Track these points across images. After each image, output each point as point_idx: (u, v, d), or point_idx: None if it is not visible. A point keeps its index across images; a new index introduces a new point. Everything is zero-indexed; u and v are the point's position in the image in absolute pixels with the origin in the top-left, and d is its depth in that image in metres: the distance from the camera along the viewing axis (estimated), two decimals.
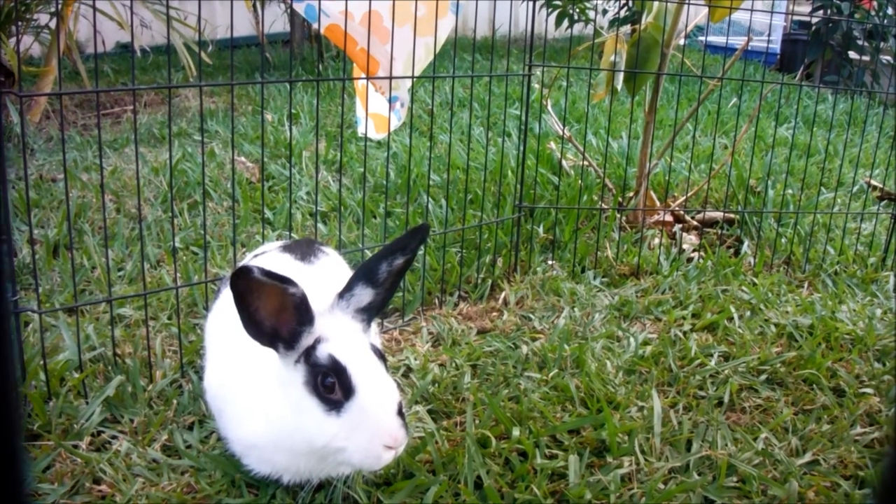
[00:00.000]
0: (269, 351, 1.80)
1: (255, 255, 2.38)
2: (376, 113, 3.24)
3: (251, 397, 1.89)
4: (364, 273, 1.84)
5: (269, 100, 6.83)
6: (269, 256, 2.28)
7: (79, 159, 4.88)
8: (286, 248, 2.33)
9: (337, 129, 5.68)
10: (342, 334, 1.77)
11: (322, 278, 2.11)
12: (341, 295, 1.83)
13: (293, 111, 5.97)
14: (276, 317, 1.74)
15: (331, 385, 1.70)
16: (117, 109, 6.66)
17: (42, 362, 2.36)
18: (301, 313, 1.74)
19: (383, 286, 1.85)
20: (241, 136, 5.52)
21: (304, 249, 2.31)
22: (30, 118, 5.61)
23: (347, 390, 1.70)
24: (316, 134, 3.05)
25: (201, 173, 3.41)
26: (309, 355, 1.73)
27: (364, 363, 1.74)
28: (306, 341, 1.76)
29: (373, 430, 1.69)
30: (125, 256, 3.46)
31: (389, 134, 3.17)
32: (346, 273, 2.31)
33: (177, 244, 3.48)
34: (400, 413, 1.74)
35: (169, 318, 2.89)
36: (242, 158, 4.97)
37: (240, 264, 1.78)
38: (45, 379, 2.36)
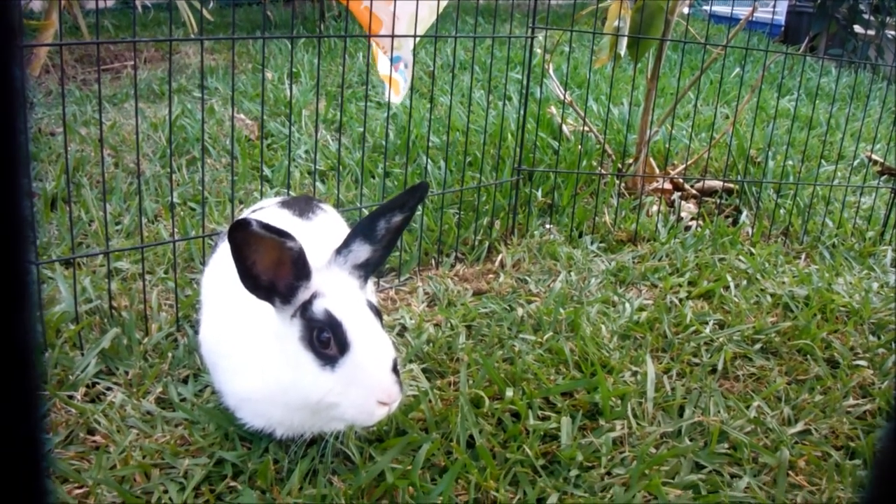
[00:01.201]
0: (266, 305, 1.80)
1: (254, 211, 2.37)
2: (387, 75, 3.22)
3: (246, 352, 1.89)
4: (362, 230, 1.84)
5: (270, 58, 6.79)
6: (267, 212, 2.27)
7: (78, 113, 4.85)
8: (284, 204, 2.33)
9: (337, 89, 5.64)
10: (339, 290, 1.77)
11: (320, 235, 2.10)
12: (339, 251, 1.83)
13: (293, 70, 5.94)
14: (273, 270, 1.74)
15: (326, 340, 1.71)
16: (117, 65, 6.62)
17: (39, 314, 2.36)
18: (298, 267, 1.73)
19: (381, 243, 1.85)
20: (241, 94, 5.49)
21: (302, 206, 2.31)
22: (29, 72, 5.57)
23: (343, 346, 1.70)
24: (316, 93, 3.03)
25: (200, 129, 3.39)
26: (305, 310, 1.73)
27: (360, 319, 1.74)
28: (303, 296, 1.75)
29: (367, 385, 1.70)
30: (123, 211, 3.45)
31: (387, 95, 3.16)
32: (344, 230, 2.31)
33: (175, 200, 3.47)
34: (394, 370, 1.74)
35: (165, 273, 2.89)
36: (242, 116, 4.95)
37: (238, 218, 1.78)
38: (42, 330, 2.36)
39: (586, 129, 4.15)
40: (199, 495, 1.84)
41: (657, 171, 4.16)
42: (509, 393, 2.19)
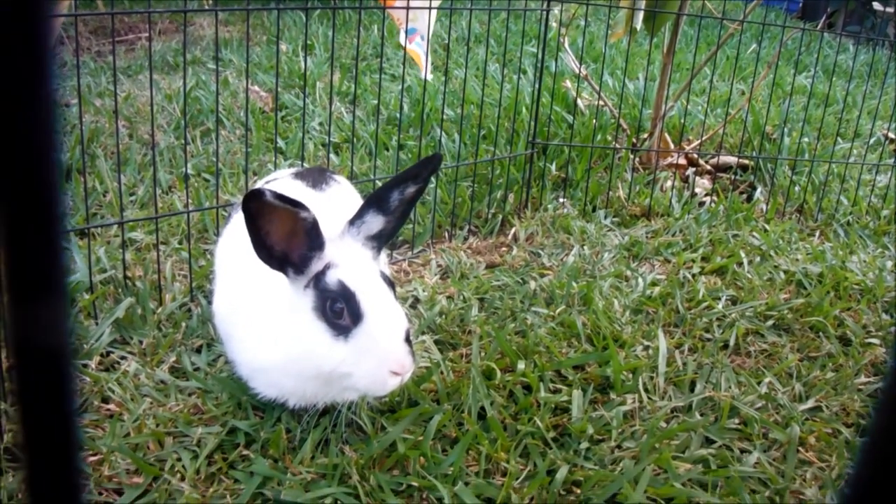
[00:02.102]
0: (279, 276, 1.81)
1: (267, 182, 2.38)
2: (412, 49, 3.22)
3: (260, 322, 1.90)
4: (375, 201, 1.84)
5: (284, 30, 6.77)
6: (281, 183, 2.27)
7: (92, 85, 4.86)
8: (298, 175, 2.33)
9: (351, 61, 5.63)
10: (352, 261, 1.78)
11: (333, 206, 2.11)
12: (352, 222, 1.84)
13: (308, 42, 5.93)
14: (287, 241, 1.74)
15: (339, 311, 1.72)
16: (131, 36, 6.62)
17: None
18: (312, 238, 1.74)
19: (394, 214, 1.86)
20: (255, 66, 5.49)
21: (315, 177, 2.31)
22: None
23: (356, 316, 1.71)
24: (331, 65, 3.03)
25: (215, 101, 3.39)
26: (318, 281, 1.74)
27: (373, 290, 1.75)
28: (316, 266, 1.76)
29: (380, 356, 1.71)
30: (137, 182, 3.46)
31: (424, 73, 3.14)
32: (357, 202, 2.31)
33: (189, 171, 3.48)
34: (407, 340, 1.75)
35: (179, 243, 2.90)
36: (256, 88, 4.94)
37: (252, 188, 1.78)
38: None
39: (601, 103, 4.13)
40: (211, 463, 1.86)
41: (672, 146, 4.15)
42: (521, 365, 2.19)
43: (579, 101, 4.39)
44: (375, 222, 1.84)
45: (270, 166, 3.60)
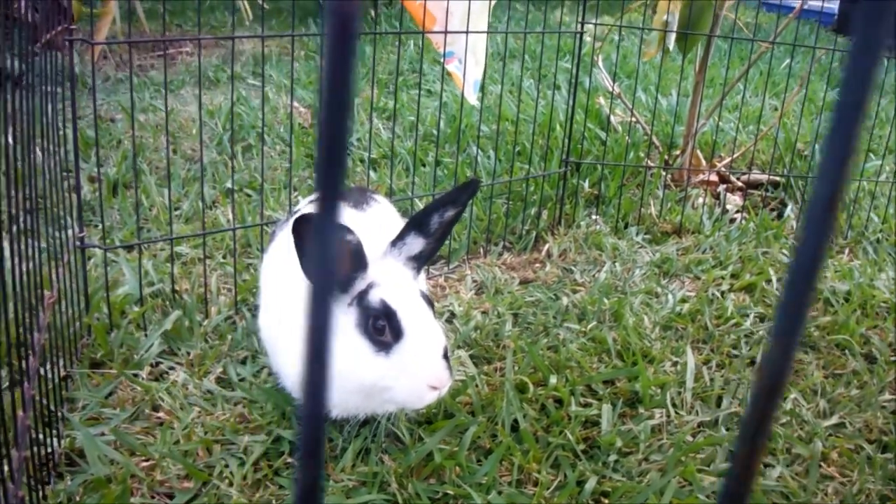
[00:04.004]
0: None
1: (311, 202, 2.47)
2: (452, 71, 3.30)
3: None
4: (416, 223, 1.93)
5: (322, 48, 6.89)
6: None
7: (136, 100, 4.98)
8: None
9: (388, 77, 5.73)
10: (394, 280, 1.87)
11: (374, 226, 2.20)
12: (394, 243, 1.93)
13: None
14: (342, 256, 1.84)
15: (381, 328, 1.81)
16: (172, 51, 6.76)
17: (105, 296, 2.48)
18: (356, 259, 1.84)
19: (433, 236, 1.94)
20: (294, 82, 5.60)
21: (357, 197, 2.40)
22: (87, 59, 5.72)
23: (397, 333, 1.80)
24: (372, 83, 3.12)
25: (258, 117, 3.51)
26: (362, 299, 1.84)
27: (413, 308, 1.84)
28: (360, 285, 1.86)
29: (418, 371, 1.80)
30: (181, 196, 3.57)
31: (471, 98, 3.23)
32: (397, 220, 2.40)
33: (232, 186, 3.59)
34: (445, 356, 1.84)
35: (224, 258, 3.01)
36: (295, 104, 5.06)
37: (298, 210, 1.88)
38: (108, 312, 2.48)
39: (634, 120, 4.21)
40: (257, 470, 1.95)
41: (703, 163, 4.21)
42: (553, 380, 2.28)
43: (612, 118, 4.46)
44: (416, 244, 1.93)
45: (310, 182, 3.71)
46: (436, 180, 3.43)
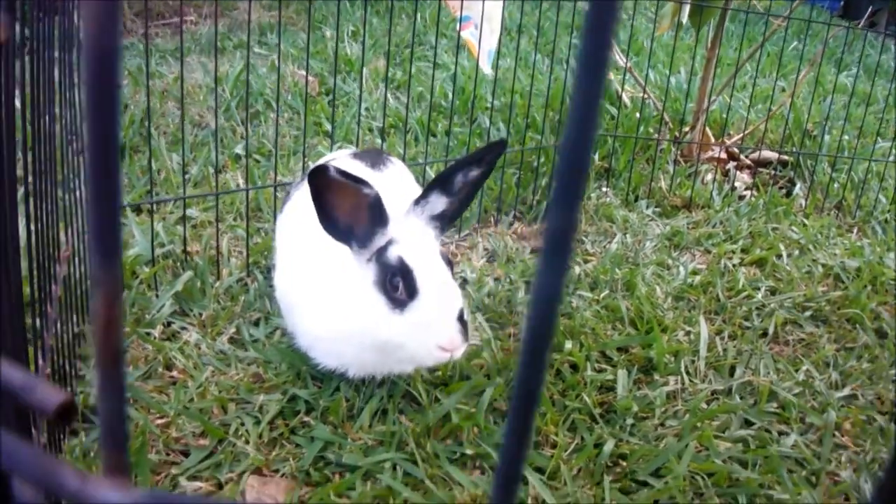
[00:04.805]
0: (342, 249, 1.89)
1: (327, 161, 2.46)
2: (467, 38, 3.29)
3: (321, 293, 1.99)
4: (440, 182, 1.92)
5: (328, 17, 6.86)
6: (340, 163, 2.36)
7: (142, 65, 4.96)
8: (356, 156, 2.41)
9: (395, 48, 5.71)
10: (413, 238, 1.86)
11: (391, 186, 2.19)
12: (417, 202, 1.92)
13: (352, 28, 6.02)
14: (351, 215, 1.83)
15: (397, 284, 1.80)
16: (176, 20, 6.72)
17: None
18: (374, 213, 1.83)
19: (457, 196, 1.93)
20: (302, 50, 5.58)
21: (373, 158, 2.40)
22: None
23: (411, 291, 1.80)
24: (388, 51, 3.10)
25: (266, 84, 3.49)
26: (381, 255, 1.83)
27: (430, 267, 1.84)
28: (379, 242, 1.85)
29: (429, 331, 1.80)
30: (190, 161, 3.55)
31: (485, 68, 3.21)
32: (412, 184, 2.39)
33: (240, 152, 3.58)
34: (461, 319, 1.83)
35: (235, 220, 3.00)
36: (302, 72, 5.03)
37: (329, 159, 1.87)
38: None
39: (645, 96, 4.19)
40: (273, 429, 1.95)
41: (713, 140, 4.20)
42: (568, 345, 2.28)
43: (623, 94, 4.45)
44: (439, 203, 1.92)
45: (320, 149, 3.69)
46: (448, 149, 3.42)
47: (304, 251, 2.11)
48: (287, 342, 2.23)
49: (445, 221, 1.95)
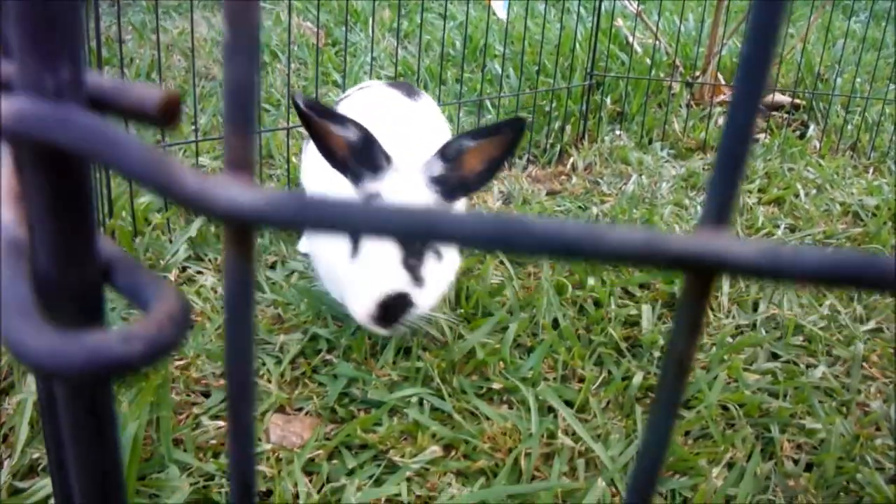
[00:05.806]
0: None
1: (361, 88, 2.41)
2: None
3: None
4: (444, 146, 1.80)
5: None
6: (376, 90, 2.30)
7: (147, 20, 4.91)
8: (392, 85, 2.36)
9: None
10: (401, 195, 1.77)
11: (425, 117, 2.14)
12: (424, 161, 1.82)
13: None
14: (342, 149, 1.78)
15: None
16: None
17: (129, 201, 2.44)
18: (362, 157, 1.77)
19: (452, 161, 1.79)
20: (308, 2, 5.52)
21: (409, 88, 2.34)
22: None
23: (356, 252, 1.76)
24: (399, 3, 3.06)
25: (271, 36, 3.44)
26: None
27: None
28: (369, 187, 1.79)
29: (354, 301, 1.77)
30: (198, 112, 3.51)
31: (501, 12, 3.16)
32: (442, 120, 2.33)
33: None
34: (398, 301, 1.75)
35: None
36: (308, 23, 4.98)
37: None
38: (132, 218, 2.44)
39: (656, 41, 4.14)
40: (295, 367, 1.92)
41: (724, 83, 4.15)
42: (591, 281, 2.25)
43: (633, 40, 4.39)
44: (437, 166, 1.82)
45: (328, 97, 3.65)
46: (461, 94, 3.37)
47: (325, 185, 2.06)
48: (303, 286, 2.20)
49: (446, 187, 1.81)
